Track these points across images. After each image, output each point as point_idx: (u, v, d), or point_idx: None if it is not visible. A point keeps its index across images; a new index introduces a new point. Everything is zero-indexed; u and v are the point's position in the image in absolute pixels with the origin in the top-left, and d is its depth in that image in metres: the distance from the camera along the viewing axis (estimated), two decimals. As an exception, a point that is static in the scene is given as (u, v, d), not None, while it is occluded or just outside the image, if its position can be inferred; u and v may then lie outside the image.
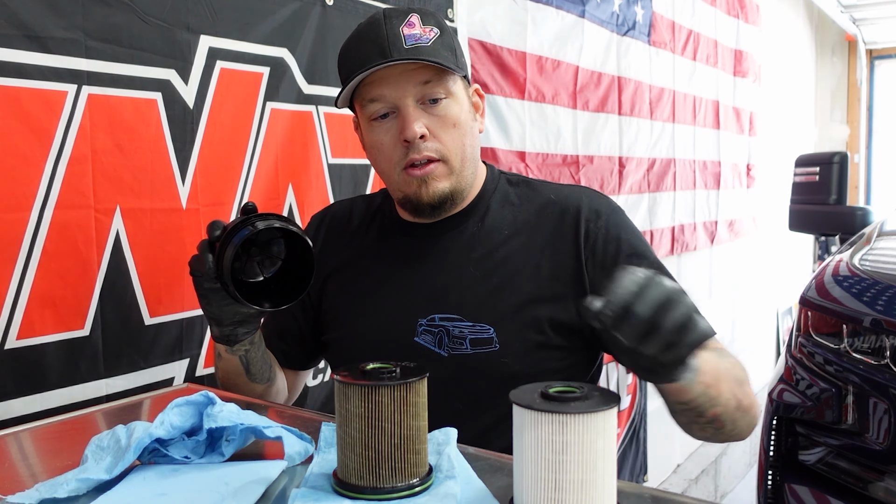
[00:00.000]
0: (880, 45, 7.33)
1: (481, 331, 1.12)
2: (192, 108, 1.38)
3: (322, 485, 0.79)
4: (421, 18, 1.10)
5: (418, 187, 1.12)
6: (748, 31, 4.33)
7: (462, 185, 1.15)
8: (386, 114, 1.12)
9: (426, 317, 1.14)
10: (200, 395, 0.90)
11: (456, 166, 1.13)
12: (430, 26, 1.10)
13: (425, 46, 1.08)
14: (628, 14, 2.98)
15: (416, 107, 1.10)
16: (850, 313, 1.93)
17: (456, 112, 1.12)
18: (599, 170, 2.80)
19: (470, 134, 1.15)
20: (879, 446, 1.77)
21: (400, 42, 1.07)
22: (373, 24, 1.11)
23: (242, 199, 1.48)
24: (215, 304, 1.08)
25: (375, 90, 1.10)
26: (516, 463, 0.70)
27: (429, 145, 1.10)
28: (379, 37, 1.08)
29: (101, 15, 1.22)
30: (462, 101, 1.14)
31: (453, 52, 1.12)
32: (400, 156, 1.11)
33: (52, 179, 1.17)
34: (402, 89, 1.09)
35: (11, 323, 1.13)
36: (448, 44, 1.11)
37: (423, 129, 1.09)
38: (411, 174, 1.11)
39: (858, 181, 7.25)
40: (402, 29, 1.08)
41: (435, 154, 1.11)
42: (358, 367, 0.79)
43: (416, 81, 1.09)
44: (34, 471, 0.93)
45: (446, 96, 1.11)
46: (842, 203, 3.31)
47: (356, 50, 1.12)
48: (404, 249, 1.21)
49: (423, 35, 1.09)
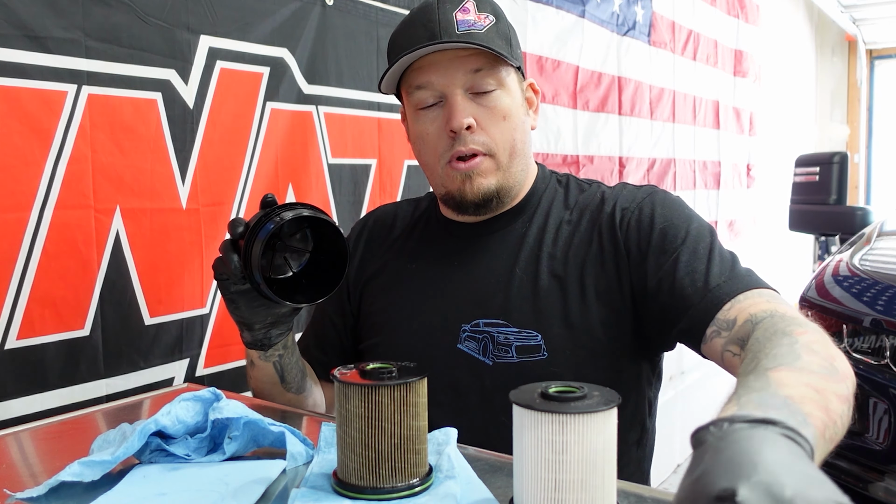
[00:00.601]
0: (880, 45, 7.34)
1: (528, 337, 1.06)
2: (192, 108, 1.38)
3: (322, 485, 0.79)
4: (476, 4, 1.04)
5: (462, 183, 1.06)
6: (748, 31, 4.33)
7: (510, 182, 1.09)
8: (433, 104, 1.06)
9: (470, 322, 1.09)
10: (207, 392, 0.90)
11: (503, 161, 1.07)
12: (485, 13, 1.04)
13: (479, 33, 1.02)
14: (628, 14, 2.98)
15: (464, 96, 1.04)
16: (850, 313, 1.93)
17: (507, 104, 1.06)
18: (599, 170, 2.80)
19: (521, 129, 1.09)
20: (879, 446, 1.77)
21: (452, 27, 1.01)
22: (425, 9, 1.05)
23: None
24: (245, 307, 1.02)
25: (423, 76, 1.05)
26: (516, 463, 0.70)
27: (476, 138, 1.04)
28: (430, 20, 1.03)
29: (101, 15, 1.22)
30: (514, 93, 1.08)
31: (508, 41, 1.06)
32: (445, 147, 1.05)
33: (51, 179, 1.17)
34: (450, 76, 1.03)
35: (11, 323, 1.13)
36: (503, 33, 1.05)
37: (471, 119, 1.03)
38: (456, 167, 1.05)
39: (858, 181, 7.26)
40: (456, 14, 1.03)
41: (481, 147, 1.05)
42: (358, 367, 0.79)
43: (466, 69, 1.03)
44: (34, 471, 0.92)
45: (497, 87, 1.05)
46: (842, 203, 3.32)
47: (405, 33, 1.06)
48: (448, 251, 1.15)
49: (478, 21, 1.03)
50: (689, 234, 1.03)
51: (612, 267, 1.06)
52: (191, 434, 0.89)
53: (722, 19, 3.95)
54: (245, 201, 1.48)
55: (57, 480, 0.78)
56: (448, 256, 1.15)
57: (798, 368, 0.78)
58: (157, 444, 0.87)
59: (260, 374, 1.13)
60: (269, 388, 1.14)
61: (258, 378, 1.14)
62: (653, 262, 1.03)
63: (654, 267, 1.03)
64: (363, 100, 1.74)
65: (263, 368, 1.12)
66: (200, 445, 0.88)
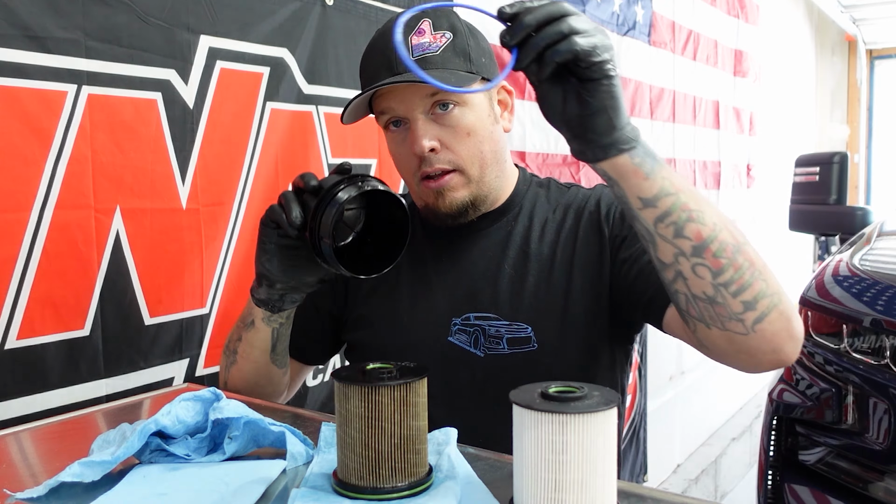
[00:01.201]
0: (880, 45, 7.34)
1: (518, 329, 1.09)
2: (192, 108, 1.38)
3: (322, 485, 0.79)
4: (433, 23, 1.07)
5: (435, 199, 1.10)
6: (748, 30, 4.33)
7: (483, 191, 1.12)
8: (399, 121, 1.09)
9: (461, 316, 1.12)
10: (208, 391, 0.90)
11: (474, 175, 1.10)
12: (441, 31, 1.06)
13: (433, 56, 1.05)
14: (628, 14, 2.98)
15: (426, 119, 1.06)
16: (850, 313, 1.93)
17: (470, 120, 1.08)
18: (599, 170, 2.80)
19: (489, 139, 1.10)
20: (879, 446, 1.77)
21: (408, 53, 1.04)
22: (383, 33, 1.09)
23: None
24: (280, 262, 1.01)
25: (385, 103, 1.08)
26: (516, 463, 0.70)
27: (441, 157, 1.07)
28: (387, 48, 1.06)
29: (101, 15, 1.22)
30: (478, 105, 1.09)
31: (466, 55, 1.07)
32: (415, 167, 1.09)
33: (52, 179, 1.17)
34: (409, 102, 1.06)
35: (11, 323, 1.13)
36: (461, 48, 1.07)
37: (434, 142, 1.06)
38: (427, 186, 1.09)
39: (858, 181, 7.26)
40: (411, 38, 1.05)
41: (448, 165, 1.08)
42: (358, 367, 0.79)
43: (423, 94, 1.05)
44: (34, 471, 0.93)
45: (458, 104, 1.07)
46: (842, 203, 3.32)
47: (369, 61, 1.10)
48: (435, 248, 1.18)
49: (433, 43, 1.05)
50: None
51: (596, 259, 1.11)
52: (191, 434, 0.89)
53: (722, 19, 3.95)
54: (245, 201, 1.48)
55: (57, 481, 0.78)
56: (436, 253, 1.18)
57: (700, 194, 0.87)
58: (157, 444, 0.87)
59: (256, 338, 1.13)
60: (257, 354, 1.14)
61: (252, 341, 1.13)
62: (628, 244, 1.08)
63: (627, 249, 1.08)
64: (363, 100, 1.74)
65: (262, 332, 1.12)
66: (200, 445, 0.88)
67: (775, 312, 0.87)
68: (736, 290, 0.85)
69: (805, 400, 2.03)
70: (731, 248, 0.85)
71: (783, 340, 0.88)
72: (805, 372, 2.05)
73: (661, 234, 0.85)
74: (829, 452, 1.94)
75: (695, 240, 0.84)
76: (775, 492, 2.04)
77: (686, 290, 0.87)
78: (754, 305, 0.86)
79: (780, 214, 4.04)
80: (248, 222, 1.49)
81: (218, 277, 1.44)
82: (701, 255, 0.84)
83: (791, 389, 2.10)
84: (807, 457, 2.01)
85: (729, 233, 0.86)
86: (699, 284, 0.86)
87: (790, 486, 2.01)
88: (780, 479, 2.04)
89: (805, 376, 2.05)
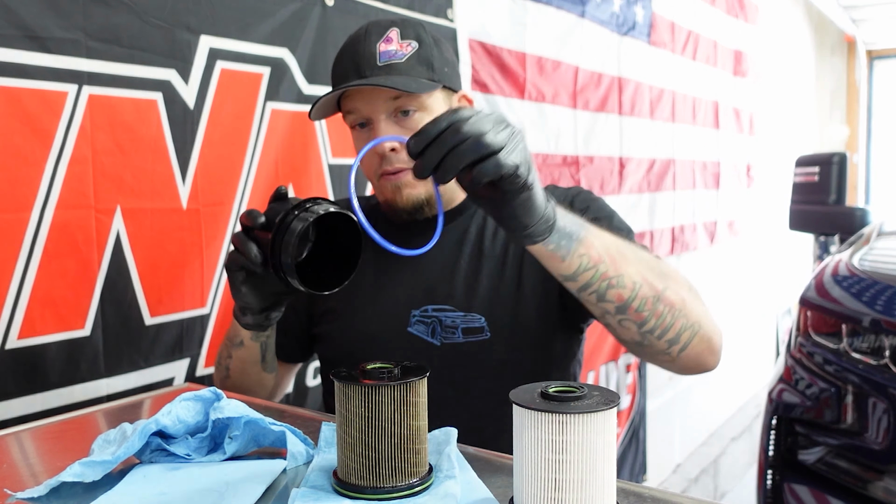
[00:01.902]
0: (880, 46, 7.34)
1: (472, 320, 1.16)
2: (193, 108, 1.38)
3: (322, 485, 0.79)
4: (401, 32, 1.15)
5: (393, 193, 1.16)
6: (748, 31, 4.33)
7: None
8: (363, 123, 1.16)
9: (419, 308, 1.18)
10: (208, 391, 0.90)
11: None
12: (408, 40, 1.14)
13: (398, 63, 1.12)
14: (628, 14, 2.98)
15: (387, 121, 1.14)
16: (849, 313, 1.93)
17: None
18: (599, 170, 2.80)
19: None
20: (879, 446, 1.77)
21: (374, 59, 1.12)
22: (354, 38, 1.17)
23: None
24: (255, 294, 1.06)
25: (351, 103, 1.15)
26: (516, 463, 0.70)
27: (401, 157, 1.14)
28: (356, 53, 1.14)
29: (102, 15, 1.22)
30: (437, 112, 1.15)
31: (429, 65, 1.15)
32: (376, 165, 1.16)
33: (52, 180, 1.17)
34: (373, 104, 1.13)
35: (12, 323, 1.13)
36: (425, 57, 1.14)
37: (393, 142, 1.13)
38: (386, 179, 1.16)
39: (858, 181, 7.26)
40: (380, 45, 1.13)
41: (406, 165, 1.14)
42: (357, 367, 0.80)
43: (386, 97, 1.12)
44: (34, 471, 0.93)
45: (418, 110, 1.14)
46: (841, 203, 3.32)
47: (338, 62, 1.17)
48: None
49: (399, 51, 1.13)
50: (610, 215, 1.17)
51: None
52: (191, 434, 0.89)
53: (722, 19, 3.95)
54: (245, 201, 1.48)
55: (58, 481, 0.78)
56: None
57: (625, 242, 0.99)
58: (158, 443, 0.87)
59: (246, 355, 1.18)
60: (249, 367, 1.19)
61: (243, 358, 1.18)
62: None
63: None
64: (363, 100, 1.74)
65: (252, 348, 1.17)
66: (201, 445, 0.88)
67: (696, 338, 1.00)
68: (660, 333, 0.97)
69: (804, 400, 2.03)
70: (652, 300, 0.96)
71: (705, 357, 1.02)
72: (804, 372, 2.05)
73: (585, 300, 0.96)
74: (828, 452, 1.94)
75: (616, 301, 0.95)
76: (775, 491, 2.04)
77: (616, 336, 1.01)
78: (678, 340, 0.99)
79: (780, 214, 4.04)
80: (249, 222, 1.49)
81: (218, 277, 1.44)
82: (624, 312, 0.96)
83: (791, 389, 2.10)
84: (806, 456, 2.01)
85: (649, 286, 0.96)
86: (627, 333, 0.99)
87: (789, 485, 2.01)
88: (779, 479, 2.05)
89: (804, 376, 2.05)
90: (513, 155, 0.79)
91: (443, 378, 1.11)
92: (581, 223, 0.93)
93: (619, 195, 2.94)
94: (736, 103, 4.20)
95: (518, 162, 0.80)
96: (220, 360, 1.22)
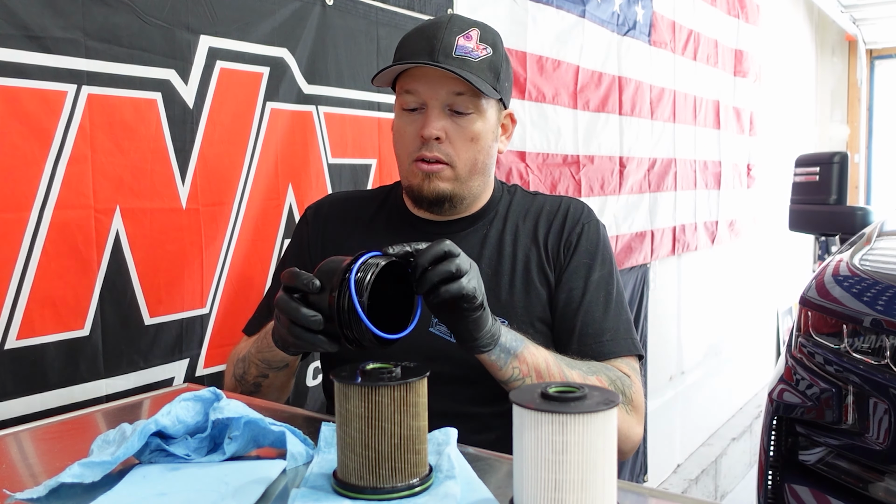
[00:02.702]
0: (880, 45, 7.33)
1: None
2: (192, 108, 1.38)
3: (322, 485, 0.79)
4: (481, 34, 1.17)
5: (422, 180, 1.18)
6: (748, 31, 4.33)
7: (464, 193, 1.21)
8: (415, 108, 1.18)
9: None
10: (208, 391, 0.90)
11: (462, 174, 1.19)
12: (485, 44, 1.17)
13: (472, 61, 1.14)
14: (629, 14, 2.98)
15: (442, 111, 1.16)
16: (850, 313, 1.93)
17: (479, 129, 1.18)
18: (600, 170, 2.80)
19: (485, 152, 1.20)
20: (879, 446, 1.77)
21: (450, 49, 1.14)
22: (436, 23, 1.18)
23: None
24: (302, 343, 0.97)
25: (412, 83, 1.16)
26: (516, 463, 0.70)
27: (442, 148, 1.16)
28: (434, 37, 1.15)
29: (101, 15, 1.22)
30: (489, 120, 1.19)
31: (497, 74, 1.17)
32: (414, 148, 1.17)
33: (51, 179, 1.17)
34: (435, 91, 1.15)
35: (11, 323, 1.13)
36: (495, 66, 1.17)
37: (442, 132, 1.15)
38: (419, 167, 1.17)
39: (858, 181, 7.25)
40: (459, 38, 1.15)
41: (444, 157, 1.17)
42: (358, 367, 0.79)
43: (449, 89, 1.14)
44: (34, 471, 0.92)
45: (474, 112, 1.17)
46: (842, 203, 3.31)
47: (411, 40, 1.19)
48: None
49: (475, 51, 1.15)
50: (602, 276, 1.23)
51: (550, 271, 1.24)
52: (191, 434, 0.89)
53: (722, 19, 3.95)
54: (245, 201, 1.48)
55: (57, 482, 0.78)
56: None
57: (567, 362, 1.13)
58: (157, 444, 0.87)
59: (285, 372, 1.19)
60: (283, 379, 1.21)
61: (281, 376, 1.19)
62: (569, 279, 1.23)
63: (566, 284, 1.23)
64: (363, 100, 1.74)
65: (292, 365, 1.19)
66: (200, 445, 0.88)
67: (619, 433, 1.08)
68: None
69: (805, 400, 2.03)
70: None
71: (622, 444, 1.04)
72: (805, 372, 2.05)
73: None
74: (829, 452, 1.94)
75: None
76: (775, 492, 2.04)
77: None
78: None
79: (780, 214, 4.04)
80: (248, 222, 1.49)
81: (218, 277, 1.44)
82: None
83: (791, 389, 2.10)
84: (807, 457, 2.01)
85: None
86: None
87: (790, 486, 2.01)
88: (780, 479, 2.04)
89: (805, 376, 2.04)
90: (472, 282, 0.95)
91: (464, 377, 1.15)
92: (522, 341, 1.08)
93: (620, 195, 2.94)
94: (736, 103, 4.20)
95: (475, 286, 0.95)
96: (246, 375, 1.19)
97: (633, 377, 1.19)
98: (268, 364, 1.17)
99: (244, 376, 1.20)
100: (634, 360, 1.23)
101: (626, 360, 1.21)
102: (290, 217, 1.58)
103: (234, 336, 1.47)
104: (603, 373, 1.14)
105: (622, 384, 1.14)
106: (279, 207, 1.56)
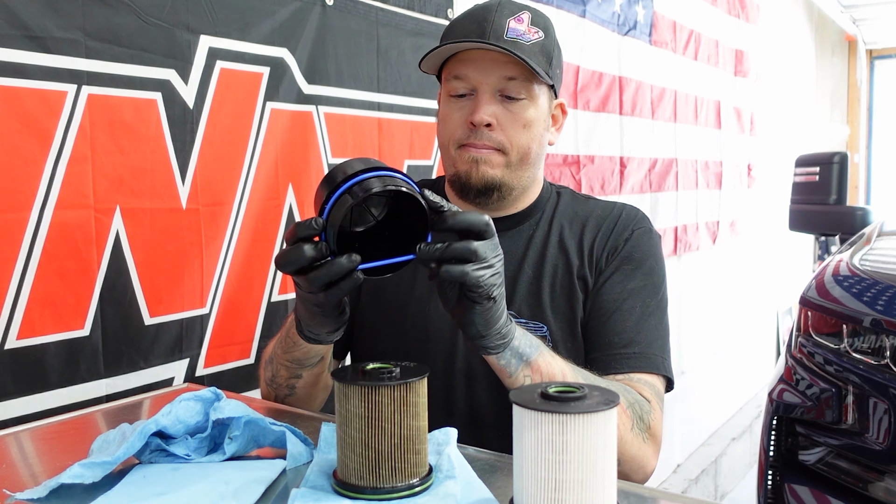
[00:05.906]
0: (880, 45, 7.34)
1: (535, 329, 1.13)
2: (192, 108, 1.38)
3: (322, 485, 0.79)
4: (532, 18, 1.11)
5: (470, 166, 1.11)
6: (749, 31, 4.33)
7: (513, 182, 1.14)
8: (464, 94, 1.12)
9: None
10: (208, 391, 0.90)
11: (513, 160, 1.12)
12: (536, 28, 1.11)
13: (524, 44, 1.08)
14: (629, 14, 2.98)
15: (493, 96, 1.10)
16: (850, 313, 1.93)
17: (531, 115, 1.12)
18: (600, 170, 2.80)
19: (537, 140, 1.14)
20: (879, 446, 1.77)
21: (502, 31, 1.08)
22: (485, 6, 1.12)
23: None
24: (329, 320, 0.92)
25: (462, 68, 1.11)
26: (516, 463, 0.70)
27: (492, 136, 1.10)
28: (485, 19, 1.09)
29: (101, 15, 1.22)
30: (541, 107, 1.14)
31: (549, 60, 1.12)
32: (462, 135, 1.11)
33: (51, 179, 1.17)
34: (486, 75, 1.09)
35: (11, 323, 1.13)
36: (547, 50, 1.11)
37: (492, 118, 1.09)
38: (467, 150, 1.11)
39: (858, 181, 7.26)
40: (510, 21, 1.09)
41: (495, 145, 1.11)
42: (357, 367, 0.79)
43: (501, 74, 1.09)
44: (34, 471, 0.92)
45: (527, 97, 1.11)
46: (842, 203, 3.31)
47: (460, 23, 1.13)
48: None
49: (527, 34, 1.10)
50: (644, 286, 1.15)
51: (591, 278, 1.17)
52: (191, 434, 0.89)
53: (723, 19, 3.95)
54: (245, 201, 1.48)
55: (57, 482, 0.78)
56: None
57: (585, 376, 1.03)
58: (158, 444, 0.87)
59: (322, 365, 1.09)
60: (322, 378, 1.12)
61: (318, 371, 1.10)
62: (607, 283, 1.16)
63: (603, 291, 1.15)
64: (363, 100, 1.74)
65: (327, 357, 1.10)
66: (200, 445, 0.88)
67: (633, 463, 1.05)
68: None
69: (805, 400, 2.03)
70: None
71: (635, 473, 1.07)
72: (805, 372, 2.05)
73: None
74: (829, 452, 1.94)
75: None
76: (775, 492, 2.04)
77: None
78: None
79: (781, 214, 4.04)
80: (248, 222, 1.49)
81: (218, 277, 1.44)
82: None
83: (791, 389, 2.10)
84: (807, 457, 2.01)
85: None
86: None
87: (790, 486, 2.01)
88: (780, 479, 2.04)
89: (805, 376, 2.04)
90: (483, 272, 0.84)
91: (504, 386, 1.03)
92: (537, 347, 0.99)
93: (620, 195, 2.94)
94: (737, 103, 4.20)
95: (481, 276, 0.84)
96: (277, 378, 1.11)
97: (654, 402, 1.09)
98: (299, 363, 1.07)
99: (274, 379, 1.12)
100: (661, 381, 1.12)
101: (651, 379, 1.11)
102: (290, 217, 1.58)
103: (235, 336, 1.47)
104: (622, 395, 1.03)
105: (641, 409, 1.05)
106: (279, 207, 1.56)
